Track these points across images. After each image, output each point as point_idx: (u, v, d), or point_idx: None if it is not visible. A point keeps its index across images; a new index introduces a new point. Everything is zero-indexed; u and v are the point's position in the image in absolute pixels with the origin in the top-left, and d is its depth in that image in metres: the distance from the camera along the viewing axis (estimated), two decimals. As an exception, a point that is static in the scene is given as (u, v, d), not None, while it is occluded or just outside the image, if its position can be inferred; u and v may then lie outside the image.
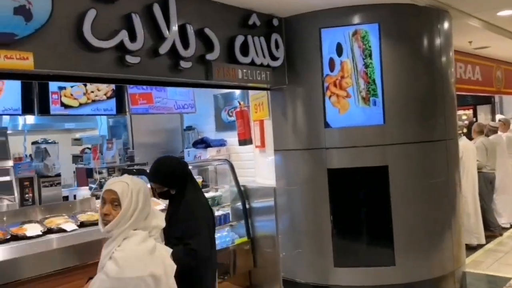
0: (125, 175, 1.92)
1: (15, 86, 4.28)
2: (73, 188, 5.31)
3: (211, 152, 5.62)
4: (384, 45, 3.91)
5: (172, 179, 2.66)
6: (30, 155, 5.04)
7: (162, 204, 3.71)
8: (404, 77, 3.99)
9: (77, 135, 7.01)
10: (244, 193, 4.82)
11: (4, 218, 3.50)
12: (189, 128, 6.43)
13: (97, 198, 4.21)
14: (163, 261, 1.80)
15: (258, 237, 4.77)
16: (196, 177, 4.82)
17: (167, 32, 3.10)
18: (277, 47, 4.01)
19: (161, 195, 2.72)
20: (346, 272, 4.04)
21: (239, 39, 3.66)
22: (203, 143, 5.74)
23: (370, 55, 3.90)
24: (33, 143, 4.89)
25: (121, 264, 1.72)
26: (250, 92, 4.92)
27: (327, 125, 4.05)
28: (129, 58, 2.92)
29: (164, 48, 3.11)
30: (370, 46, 3.90)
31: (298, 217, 4.28)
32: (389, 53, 3.93)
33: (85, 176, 5.54)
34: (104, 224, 1.83)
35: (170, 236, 2.54)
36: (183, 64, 3.24)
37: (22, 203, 4.59)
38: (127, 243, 1.77)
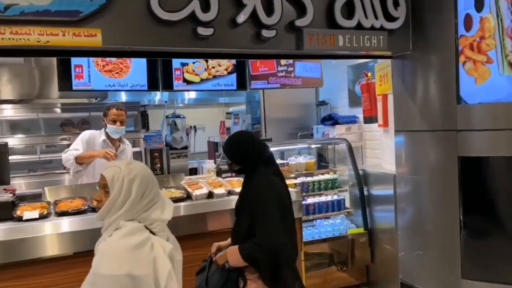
0: (127, 160, 1.73)
1: (141, 64, 4.56)
2: (200, 160, 5.51)
3: (339, 130, 5.11)
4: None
5: (239, 155, 2.42)
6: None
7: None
8: None
9: (230, 109, 7.31)
10: (362, 178, 4.25)
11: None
12: (322, 103, 6.00)
13: (220, 171, 4.23)
14: (154, 260, 1.57)
15: (377, 229, 4.17)
16: (308, 157, 4.49)
17: (247, -3, 2.78)
18: (396, 4, 3.27)
19: (235, 172, 2.56)
20: (477, 287, 3.19)
21: (341, -1, 3.09)
22: (331, 120, 5.26)
23: (526, 6, 2.86)
24: (166, 117, 5.20)
25: (99, 258, 1.56)
26: (378, 61, 4.23)
27: (459, 100, 3.18)
28: (202, 30, 2.71)
29: (242, 17, 2.80)
30: (526, -6, 2.86)
31: (419, 213, 3.54)
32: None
33: (213, 149, 5.70)
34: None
35: (239, 220, 2.37)
36: (266, 33, 2.88)
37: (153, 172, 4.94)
38: (114, 234, 1.60)
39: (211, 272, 2.33)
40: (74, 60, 4.32)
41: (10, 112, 4.74)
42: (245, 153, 2.40)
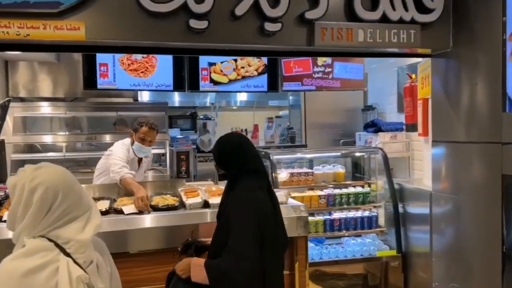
0: (42, 163, 1.47)
1: (167, 63, 4.43)
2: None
3: (383, 138, 4.61)
4: None
5: (222, 159, 2.15)
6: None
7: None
8: None
9: (280, 113, 7.04)
10: (398, 194, 3.76)
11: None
12: (368, 107, 5.50)
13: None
14: None
15: (412, 252, 3.66)
16: (337, 167, 4.05)
17: (247, -13, 2.49)
18: (432, -6, 2.79)
19: (220, 176, 2.27)
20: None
21: (363, -13, 2.69)
22: (374, 126, 4.77)
23: None
24: (198, 118, 5.03)
25: (-10, 280, 1.33)
26: (422, 60, 3.72)
27: (506, 106, 2.63)
28: (194, 23, 2.46)
29: (241, 8, 2.51)
30: None
31: (456, 238, 3.00)
32: None
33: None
34: None
35: (219, 227, 2.08)
36: (270, 27, 2.56)
37: (177, 175, 4.80)
38: (13, 253, 1.37)
39: (172, 284, 2.05)
40: (99, 59, 4.28)
41: (47, 109, 4.81)
42: (229, 158, 2.12)
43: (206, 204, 2.80)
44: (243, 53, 3.31)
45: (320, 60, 4.78)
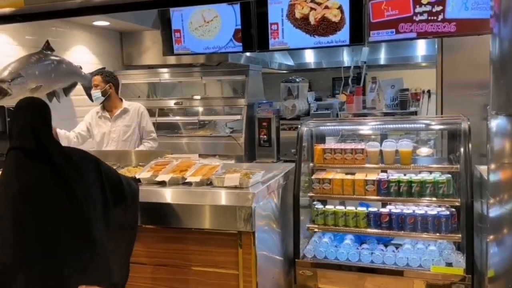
0: None
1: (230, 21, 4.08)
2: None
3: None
4: None
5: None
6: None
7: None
8: None
9: None
10: (474, 185, 2.53)
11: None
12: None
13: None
14: None
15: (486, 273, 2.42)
16: (403, 143, 2.95)
17: None
18: None
19: None
20: None
21: None
22: None
23: None
24: (281, 81, 4.57)
25: None
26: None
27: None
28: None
29: None
30: None
31: None
32: None
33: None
34: None
35: None
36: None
37: (259, 143, 4.53)
38: None
39: None
40: (174, 24, 4.27)
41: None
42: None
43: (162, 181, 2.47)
44: None
45: (426, -3, 3.51)
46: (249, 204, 2.16)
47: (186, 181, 2.44)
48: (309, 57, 7.53)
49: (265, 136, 4.44)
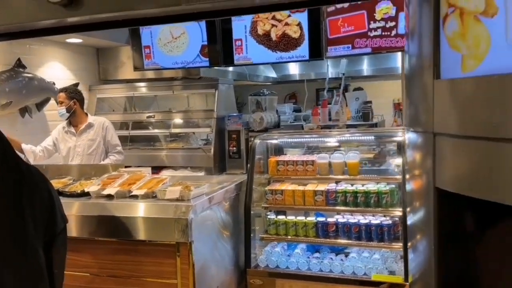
0: None
1: (196, 38, 4.21)
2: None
3: None
4: None
5: None
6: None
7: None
8: None
9: None
10: (409, 196, 2.62)
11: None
12: None
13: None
14: None
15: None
16: (350, 155, 3.05)
17: None
18: None
19: None
20: None
21: None
22: None
23: None
24: (250, 94, 4.69)
25: None
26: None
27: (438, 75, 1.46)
28: None
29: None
30: None
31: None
32: None
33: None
34: None
35: None
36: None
37: (229, 155, 4.63)
38: None
39: None
40: (144, 41, 4.41)
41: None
42: None
43: (109, 195, 2.58)
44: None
45: (379, 13, 3.64)
46: (185, 216, 2.27)
47: (132, 194, 2.55)
48: (293, 69, 7.63)
49: (234, 148, 4.55)
